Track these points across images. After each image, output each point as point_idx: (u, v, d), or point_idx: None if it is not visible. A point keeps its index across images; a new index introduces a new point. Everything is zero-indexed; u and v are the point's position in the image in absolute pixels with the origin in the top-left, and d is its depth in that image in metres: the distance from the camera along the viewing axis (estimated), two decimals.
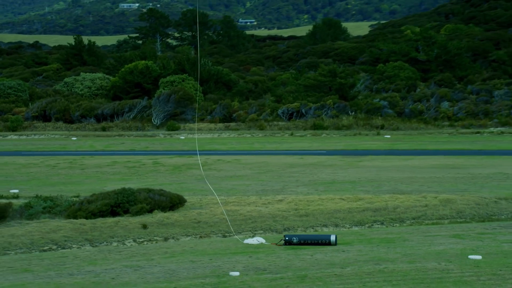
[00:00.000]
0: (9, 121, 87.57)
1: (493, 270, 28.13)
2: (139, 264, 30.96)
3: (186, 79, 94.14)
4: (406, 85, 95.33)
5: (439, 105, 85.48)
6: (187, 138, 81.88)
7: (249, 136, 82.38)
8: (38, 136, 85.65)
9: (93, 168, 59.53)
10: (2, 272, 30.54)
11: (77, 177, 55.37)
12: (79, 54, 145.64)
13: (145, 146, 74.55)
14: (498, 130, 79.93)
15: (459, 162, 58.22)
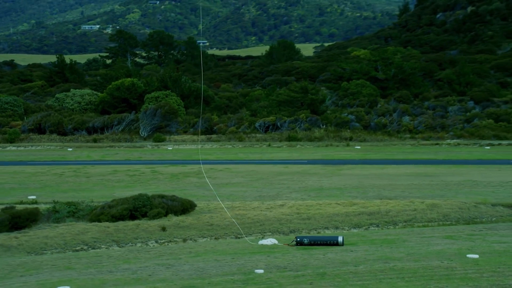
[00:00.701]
0: (7, 133, 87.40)
1: (492, 268, 28.39)
2: (169, 262, 30.97)
3: (169, 95, 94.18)
4: (368, 101, 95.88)
5: (401, 119, 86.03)
6: (175, 148, 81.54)
7: (231, 147, 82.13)
8: (35, 147, 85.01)
9: (97, 176, 59.14)
10: (47, 269, 30.56)
11: (84, 184, 55.05)
12: (62, 72, 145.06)
13: (138, 156, 74.12)
14: (455, 141, 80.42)
15: (430, 171, 58.41)
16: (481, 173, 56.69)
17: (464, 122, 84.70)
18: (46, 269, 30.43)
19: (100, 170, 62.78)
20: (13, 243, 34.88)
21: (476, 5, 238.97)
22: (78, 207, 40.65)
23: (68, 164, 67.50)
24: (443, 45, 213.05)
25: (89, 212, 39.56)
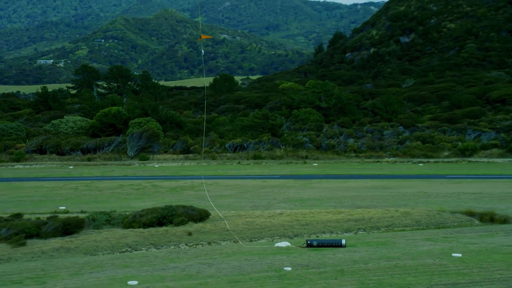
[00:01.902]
0: (14, 154, 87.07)
1: (478, 264, 29.32)
2: (208, 262, 31.39)
3: (150, 120, 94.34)
4: (315, 125, 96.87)
5: (346, 141, 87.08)
6: (160, 166, 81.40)
7: (206, 165, 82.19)
8: (39, 166, 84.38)
9: (107, 190, 58.90)
10: (109, 267, 30.90)
11: (100, 197, 54.84)
12: (46, 101, 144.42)
13: (133, 173, 73.75)
14: (392, 159, 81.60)
15: (385, 184, 58.91)
16: (427, 185, 57.48)
17: (397, 143, 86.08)
18: (108, 267, 30.74)
19: (107, 184, 62.48)
20: (70, 245, 35.13)
21: (377, 47, 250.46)
22: (111, 215, 40.90)
23: (78, 180, 67.10)
24: (352, 79, 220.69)
25: (122, 220, 39.90)
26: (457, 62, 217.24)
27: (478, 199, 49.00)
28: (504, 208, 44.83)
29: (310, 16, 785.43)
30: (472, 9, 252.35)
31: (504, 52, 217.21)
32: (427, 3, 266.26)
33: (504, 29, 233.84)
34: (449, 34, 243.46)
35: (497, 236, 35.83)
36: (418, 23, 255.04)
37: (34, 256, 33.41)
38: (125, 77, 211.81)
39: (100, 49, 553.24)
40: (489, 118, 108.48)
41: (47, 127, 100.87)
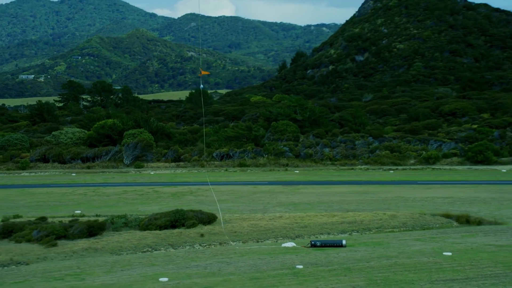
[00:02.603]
0: (19, 162, 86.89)
1: (468, 262, 29.95)
2: (225, 260, 31.74)
3: (143, 132, 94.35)
4: (292, 136, 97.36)
5: (323, 150, 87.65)
6: (156, 173, 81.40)
7: (196, 172, 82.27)
8: (43, 173, 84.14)
9: (114, 195, 58.83)
10: (137, 265, 31.24)
11: (109, 201, 54.81)
12: (41, 114, 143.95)
13: (132, 180, 73.63)
14: (364, 167, 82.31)
15: (366, 189, 59.24)
16: (403, 191, 57.92)
17: (368, 152, 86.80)
18: (136, 265, 31.01)
19: (112, 190, 62.38)
20: (97, 246, 35.37)
21: (335, 65, 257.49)
22: (128, 219, 41.14)
23: (84, 186, 66.93)
24: (313, 93, 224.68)
25: (138, 222, 40.18)
26: (406, 79, 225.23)
27: (451, 203, 49.65)
28: (476, 211, 45.51)
29: (269, 35, 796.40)
30: (418, 32, 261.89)
31: (446, 70, 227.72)
32: (379, 26, 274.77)
33: (446, 50, 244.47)
34: (398, 54, 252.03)
35: (477, 236, 36.39)
36: (371, 43, 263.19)
37: (67, 256, 33.64)
38: (107, 91, 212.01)
39: (77, 65, 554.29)
40: (445, 129, 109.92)
41: (48, 137, 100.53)
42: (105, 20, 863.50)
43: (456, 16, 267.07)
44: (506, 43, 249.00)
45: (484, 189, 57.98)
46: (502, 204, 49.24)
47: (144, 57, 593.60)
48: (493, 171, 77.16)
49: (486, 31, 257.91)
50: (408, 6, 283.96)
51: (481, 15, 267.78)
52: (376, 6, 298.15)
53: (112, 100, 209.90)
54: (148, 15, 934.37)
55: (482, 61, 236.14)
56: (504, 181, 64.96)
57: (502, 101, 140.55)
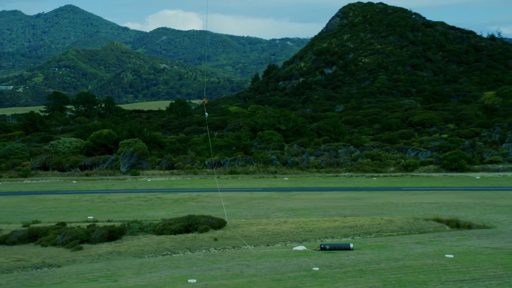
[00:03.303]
0: (21, 170, 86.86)
1: (471, 264, 30.55)
2: (244, 263, 32.14)
3: (137, 141, 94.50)
4: (278, 145, 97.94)
5: (308, 158, 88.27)
6: (153, 181, 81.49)
7: (190, 179, 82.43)
8: (44, 181, 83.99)
9: (119, 201, 58.84)
10: (163, 267, 31.61)
11: (117, 207, 54.87)
12: (34, 124, 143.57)
13: (133, 187, 73.65)
14: (348, 174, 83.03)
15: (355, 195, 59.66)
16: (391, 196, 58.51)
17: (351, 160, 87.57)
18: (162, 268, 31.36)
19: (117, 197, 62.38)
20: (120, 249, 35.68)
21: (305, 77, 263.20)
22: (142, 224, 41.43)
23: (88, 193, 66.86)
24: (285, 104, 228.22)
25: (153, 227, 40.50)
26: (371, 91, 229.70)
27: (439, 208, 50.39)
28: (463, 215, 46.30)
29: (236, 49, 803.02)
30: (382, 47, 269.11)
31: (408, 83, 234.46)
32: (345, 41, 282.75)
33: (408, 64, 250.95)
34: (364, 67, 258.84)
35: (472, 239, 37.10)
36: (338, 57, 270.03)
37: (94, 259, 33.92)
38: (91, 102, 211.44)
39: (54, 76, 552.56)
40: (417, 139, 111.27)
41: (47, 147, 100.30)
42: (80, 33, 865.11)
43: (416, 33, 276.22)
44: (462, 58, 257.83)
45: (465, 195, 58.85)
46: (485, 209, 50.04)
47: (118, 69, 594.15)
48: (468, 177, 78.29)
49: (443, 47, 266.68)
50: (372, 23, 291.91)
51: (438, 32, 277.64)
52: (343, 23, 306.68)
53: (95, 110, 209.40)
54: (121, 29, 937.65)
55: (440, 75, 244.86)
56: (481, 188, 65.97)
57: (465, 112, 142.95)
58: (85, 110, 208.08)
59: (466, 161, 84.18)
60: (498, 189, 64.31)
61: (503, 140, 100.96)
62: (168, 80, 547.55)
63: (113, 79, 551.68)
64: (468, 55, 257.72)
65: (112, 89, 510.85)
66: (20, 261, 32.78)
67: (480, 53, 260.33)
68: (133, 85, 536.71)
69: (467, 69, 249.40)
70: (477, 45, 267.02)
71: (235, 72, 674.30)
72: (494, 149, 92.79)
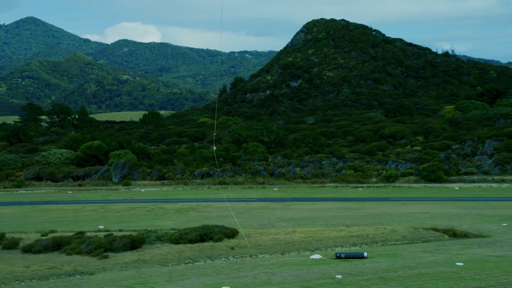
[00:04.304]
0: (15, 181, 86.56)
1: (482, 271, 31.40)
2: (268, 271, 32.71)
3: (127, 152, 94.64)
4: (262, 156, 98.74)
5: (294, 169, 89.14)
6: (146, 191, 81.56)
7: (181, 189, 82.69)
8: (39, 191, 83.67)
9: (123, 211, 58.86)
10: (192, 275, 32.04)
11: (123, 217, 54.90)
12: (17, 135, 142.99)
13: (130, 197, 73.67)
14: (333, 185, 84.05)
15: (349, 206, 60.30)
16: (383, 207, 59.33)
17: (335, 171, 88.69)
18: (191, 275, 31.86)
19: (118, 207, 62.38)
20: (145, 258, 36.21)
21: (272, 90, 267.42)
22: (158, 233, 41.89)
23: (90, 203, 66.72)
24: (253, 115, 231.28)
25: (169, 237, 41.00)
26: (336, 103, 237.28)
27: (432, 218, 51.43)
28: (457, 225, 47.40)
29: (196, 61, 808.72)
30: (345, 62, 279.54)
31: (370, 96, 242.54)
32: (310, 56, 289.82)
33: (370, 78, 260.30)
34: (328, 81, 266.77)
35: (474, 248, 38.10)
36: (303, 71, 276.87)
37: (122, 267, 34.38)
38: (65, 112, 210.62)
39: (17, 86, 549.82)
40: (392, 151, 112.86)
41: (38, 158, 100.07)
42: (41, 44, 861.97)
43: (376, 48, 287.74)
44: (419, 73, 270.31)
45: (451, 205, 60.10)
46: (475, 219, 51.16)
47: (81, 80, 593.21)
48: (447, 188, 79.82)
49: (402, 62, 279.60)
50: (335, 38, 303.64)
51: (397, 48, 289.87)
52: (307, 38, 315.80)
53: (69, 121, 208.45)
54: (82, 41, 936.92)
55: (400, 89, 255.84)
56: (464, 198, 67.30)
57: (432, 126, 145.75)
58: (59, 121, 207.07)
59: (443, 173, 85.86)
60: (480, 199, 65.71)
61: (475, 152, 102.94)
62: (131, 91, 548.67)
63: (76, 90, 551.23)
64: (425, 71, 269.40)
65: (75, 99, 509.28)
66: (53, 268, 33.16)
67: (436, 68, 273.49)
68: (96, 95, 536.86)
69: (425, 84, 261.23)
70: (433, 61, 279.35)
71: (196, 83, 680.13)
72: (468, 161, 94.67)
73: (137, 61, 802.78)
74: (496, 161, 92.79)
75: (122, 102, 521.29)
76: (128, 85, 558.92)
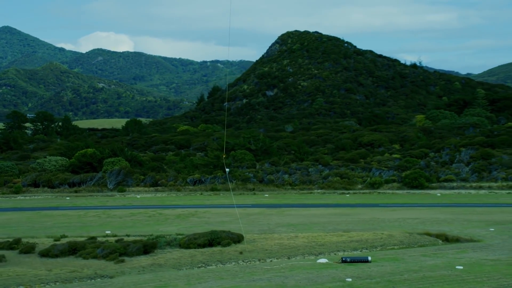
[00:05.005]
0: (13, 187, 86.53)
1: (482, 274, 32.33)
2: (281, 274, 33.40)
3: (120, 160, 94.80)
4: (250, 164, 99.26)
5: (283, 176, 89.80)
6: (141, 197, 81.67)
7: (175, 196, 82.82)
8: (37, 197, 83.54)
9: (125, 217, 58.99)
10: (209, 278, 32.58)
11: (127, 223, 55.03)
12: (7, 142, 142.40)
13: (128, 203, 73.70)
14: (321, 191, 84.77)
15: (341, 211, 60.65)
16: (374, 212, 59.99)
17: (322, 178, 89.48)
18: (208, 279, 32.46)
19: (119, 213, 62.50)
20: (160, 262, 36.69)
21: (249, 99, 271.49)
22: (167, 238, 42.31)
23: (91, 209, 66.73)
24: (230, 123, 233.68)
25: (178, 242, 41.47)
26: (310, 112, 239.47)
27: (422, 223, 52.23)
28: (447, 230, 48.29)
29: (169, 69, 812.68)
30: (318, 72, 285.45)
31: (343, 105, 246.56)
32: (285, 66, 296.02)
33: (342, 88, 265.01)
34: (303, 90, 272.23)
35: (469, 252, 39.06)
36: (279, 81, 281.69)
37: (139, 271, 34.84)
38: (49, 120, 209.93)
39: None
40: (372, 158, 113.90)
41: (34, 165, 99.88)
42: (17, 53, 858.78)
43: (348, 59, 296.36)
44: (389, 84, 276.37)
45: (438, 211, 61.01)
46: (463, 224, 52.07)
47: (58, 88, 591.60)
48: (429, 195, 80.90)
49: (372, 73, 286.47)
50: (309, 50, 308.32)
51: (368, 59, 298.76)
52: (282, 49, 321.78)
53: (53, 128, 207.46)
54: (57, 49, 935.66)
55: (371, 98, 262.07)
56: (448, 204, 68.31)
57: (407, 134, 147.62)
58: (43, 128, 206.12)
59: (425, 180, 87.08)
60: (464, 205, 66.75)
61: (453, 160, 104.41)
62: (106, 98, 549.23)
63: (53, 98, 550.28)
64: (395, 81, 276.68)
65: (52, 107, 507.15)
66: (75, 272, 33.55)
67: (405, 79, 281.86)
68: (73, 103, 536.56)
69: (394, 94, 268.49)
70: (402, 72, 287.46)
71: (169, 91, 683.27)
72: (447, 169, 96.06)
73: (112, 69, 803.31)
74: (473, 169, 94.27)
75: (98, 109, 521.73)
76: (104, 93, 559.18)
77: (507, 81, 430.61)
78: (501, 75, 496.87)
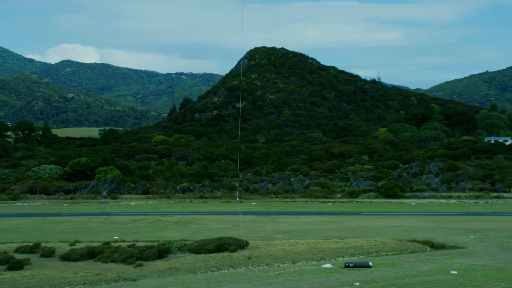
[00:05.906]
0: (11, 194, 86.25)
1: (476, 278, 33.52)
2: (292, 278, 34.30)
3: (112, 168, 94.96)
4: (234, 173, 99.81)
5: (267, 185, 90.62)
6: (135, 204, 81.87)
7: (166, 203, 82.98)
8: (35, 203, 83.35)
9: (127, 223, 59.23)
10: (226, 282, 33.34)
11: (131, 229, 55.36)
12: None
13: (124, 209, 73.90)
14: (303, 200, 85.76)
15: (329, 219, 61.48)
16: (359, 220, 60.92)
17: (303, 188, 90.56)
18: (226, 282, 33.27)
19: (121, 219, 62.67)
20: (176, 266, 37.39)
21: (219, 110, 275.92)
22: (177, 244, 42.91)
23: (92, 215, 66.66)
24: (202, 133, 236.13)
25: (188, 247, 42.13)
26: (278, 124, 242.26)
27: (407, 231, 53.39)
28: (432, 237, 49.51)
29: (135, 81, 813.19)
30: (285, 86, 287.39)
31: (309, 118, 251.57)
32: (253, 80, 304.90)
33: (307, 101, 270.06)
34: (270, 103, 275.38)
35: (458, 258, 40.32)
36: (248, 93, 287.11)
37: (159, 274, 35.50)
38: (29, 129, 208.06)
39: None
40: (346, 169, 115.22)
41: (29, 173, 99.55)
42: None
43: (313, 74, 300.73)
44: (351, 98, 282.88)
45: (418, 219, 62.32)
46: (444, 231, 53.42)
47: (29, 97, 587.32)
48: (404, 203, 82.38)
49: (335, 87, 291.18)
50: (276, 65, 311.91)
51: (331, 75, 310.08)
52: (250, 64, 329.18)
53: (33, 137, 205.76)
54: (27, 60, 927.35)
55: (334, 111, 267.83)
56: (425, 213, 69.62)
57: (374, 146, 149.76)
58: (24, 137, 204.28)
59: (399, 189, 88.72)
60: (440, 214, 68.29)
61: (422, 171, 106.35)
62: (76, 108, 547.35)
63: (24, 107, 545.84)
64: (356, 95, 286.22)
65: (23, 115, 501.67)
66: (99, 275, 34.10)
67: (365, 94, 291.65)
68: (44, 112, 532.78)
69: (356, 107, 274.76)
70: (362, 87, 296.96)
71: (136, 102, 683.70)
72: (419, 179, 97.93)
73: (80, 80, 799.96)
74: (442, 180, 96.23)
75: (68, 118, 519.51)
76: (74, 103, 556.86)
77: (452, 96, 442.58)
78: (447, 91, 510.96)
